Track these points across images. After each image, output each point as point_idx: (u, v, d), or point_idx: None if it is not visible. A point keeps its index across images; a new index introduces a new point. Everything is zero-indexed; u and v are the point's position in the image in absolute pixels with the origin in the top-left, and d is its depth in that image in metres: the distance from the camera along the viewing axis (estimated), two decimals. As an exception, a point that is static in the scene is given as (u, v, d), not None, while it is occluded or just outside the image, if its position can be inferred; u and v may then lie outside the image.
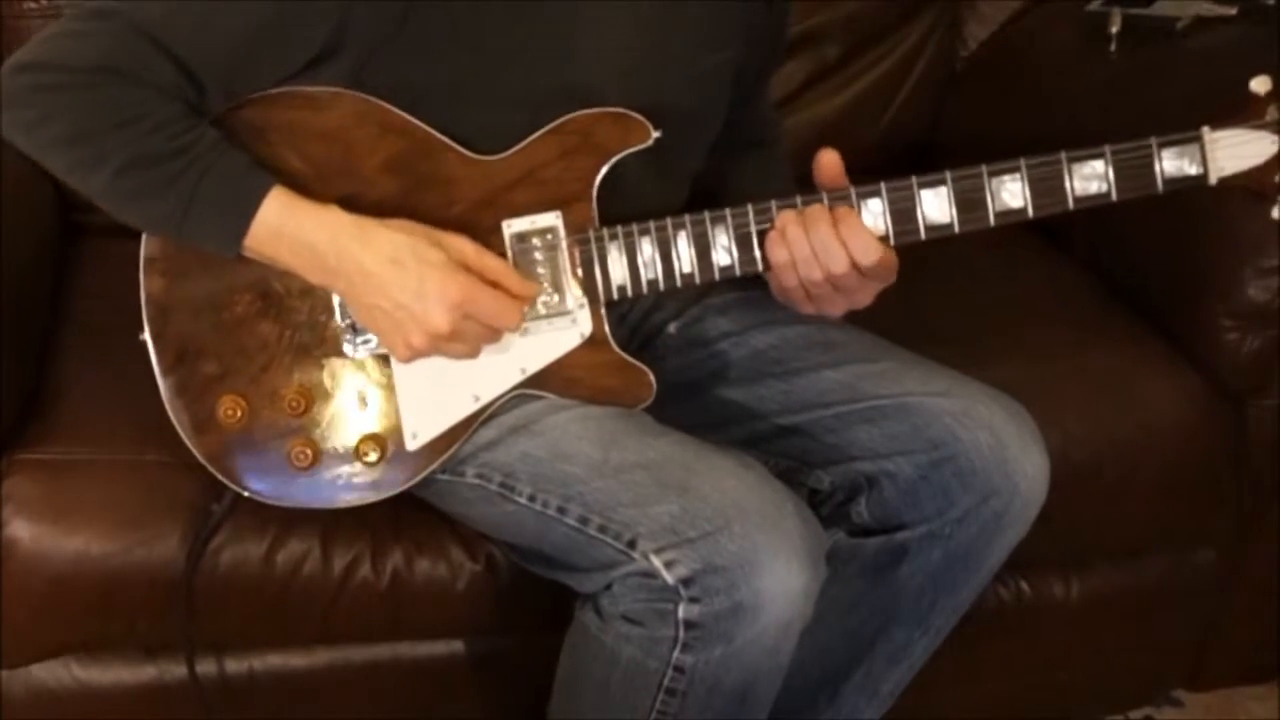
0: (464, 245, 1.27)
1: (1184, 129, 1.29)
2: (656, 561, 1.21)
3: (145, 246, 1.31)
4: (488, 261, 1.27)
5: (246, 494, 1.35)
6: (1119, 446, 1.62)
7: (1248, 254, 1.61)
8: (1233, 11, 1.89)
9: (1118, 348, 1.70)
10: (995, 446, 1.35)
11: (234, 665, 1.53)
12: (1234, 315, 1.63)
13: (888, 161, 2.08)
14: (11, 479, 1.42)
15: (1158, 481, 1.65)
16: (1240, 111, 1.28)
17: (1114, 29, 1.92)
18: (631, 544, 1.23)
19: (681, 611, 1.21)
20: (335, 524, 1.43)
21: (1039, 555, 1.57)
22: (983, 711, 1.78)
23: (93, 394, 1.51)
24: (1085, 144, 1.30)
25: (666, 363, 1.46)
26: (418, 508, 1.42)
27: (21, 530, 1.41)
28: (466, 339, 1.27)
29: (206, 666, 1.51)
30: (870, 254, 1.27)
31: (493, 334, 1.28)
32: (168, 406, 1.33)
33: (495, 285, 1.27)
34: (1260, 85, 1.27)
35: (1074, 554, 1.71)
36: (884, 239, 1.29)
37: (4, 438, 1.45)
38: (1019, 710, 1.81)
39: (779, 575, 1.20)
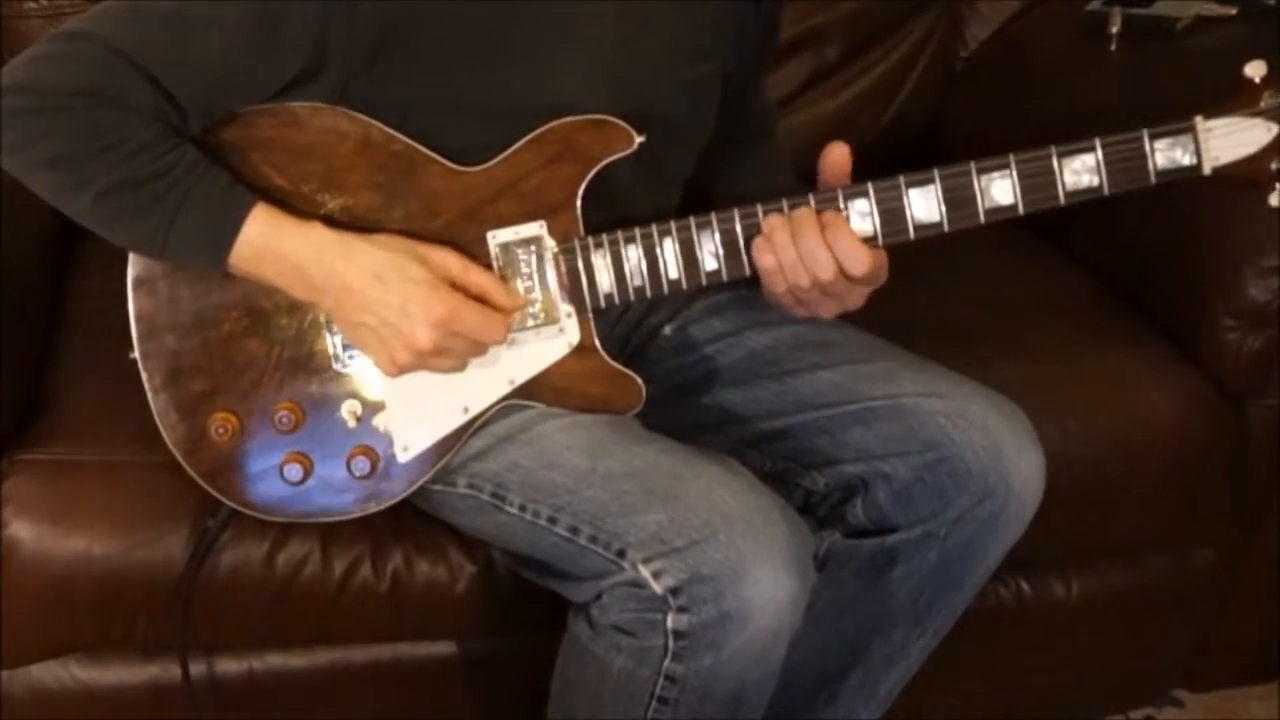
0: (449, 260, 1.27)
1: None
2: (645, 571, 1.21)
3: (132, 266, 1.31)
4: (473, 275, 1.27)
5: (241, 509, 1.36)
6: (1119, 446, 1.62)
7: (1248, 254, 1.61)
8: (1233, 11, 1.89)
9: (1118, 348, 1.70)
10: (990, 448, 1.35)
11: (234, 666, 1.53)
12: (1234, 315, 1.63)
13: (888, 161, 2.09)
14: (13, 479, 1.43)
15: (1158, 481, 1.65)
16: (1234, 99, 1.26)
17: (1114, 29, 1.92)
18: (620, 554, 1.23)
19: (670, 621, 1.21)
20: (335, 526, 1.42)
21: (1039, 555, 1.58)
22: (982, 711, 1.78)
23: (94, 395, 1.51)
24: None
25: (662, 366, 1.46)
26: (417, 510, 1.42)
27: (22, 531, 1.41)
28: (452, 354, 1.27)
29: (206, 667, 1.52)
30: (859, 264, 1.26)
31: (479, 348, 1.28)
32: (159, 424, 1.33)
33: (481, 298, 1.27)
34: (1255, 70, 1.25)
35: (1074, 554, 1.71)
36: (872, 239, 1.28)
37: (5, 438, 1.45)
38: (1019, 710, 1.81)
39: (765, 584, 1.20)
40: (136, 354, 1.32)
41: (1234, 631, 1.82)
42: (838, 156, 1.30)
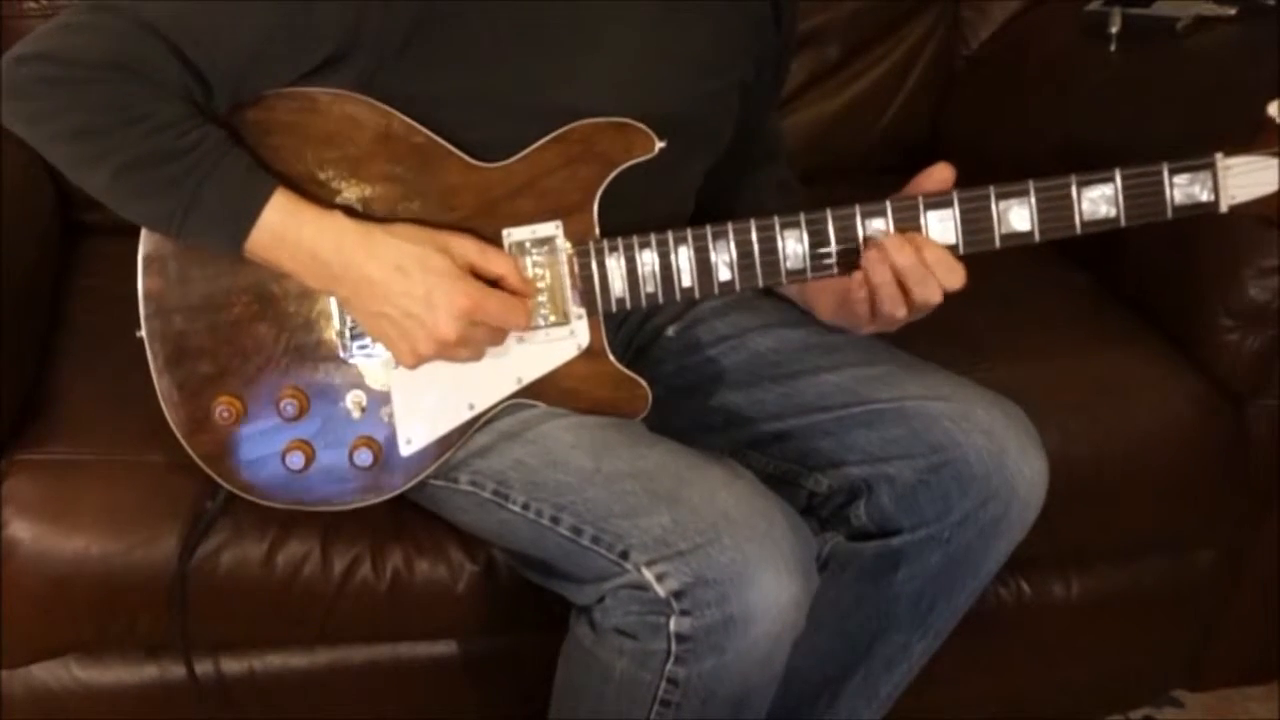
0: (468, 246, 1.26)
1: (1184, 131, 1.28)
2: (648, 574, 1.21)
3: (143, 244, 1.31)
4: (491, 259, 1.27)
5: (241, 494, 1.35)
6: (1119, 446, 1.62)
7: (1248, 254, 1.61)
8: (1233, 11, 1.89)
9: (1118, 348, 1.69)
10: (994, 451, 1.34)
11: (234, 665, 1.53)
12: (1234, 315, 1.63)
13: (888, 161, 2.09)
14: (12, 479, 1.43)
15: (1158, 481, 1.65)
16: (1254, 137, 1.26)
17: (1114, 29, 1.92)
18: (624, 555, 1.23)
19: (673, 624, 1.21)
20: (336, 525, 1.43)
21: (1039, 555, 1.58)
22: (983, 711, 1.79)
23: (93, 394, 1.51)
24: (1086, 145, 1.29)
25: (665, 367, 1.46)
26: (418, 509, 1.43)
27: (22, 531, 1.41)
28: (473, 344, 1.27)
29: (206, 667, 1.52)
30: (957, 280, 1.29)
31: (499, 336, 1.28)
32: (163, 405, 1.33)
33: (499, 282, 1.27)
34: (1276, 110, 1.25)
35: (1074, 554, 1.71)
36: None
37: (4, 438, 1.45)
38: (1019, 710, 1.81)
39: (769, 587, 1.20)
40: (143, 332, 1.32)
41: (1234, 631, 1.82)
42: (942, 177, 1.30)
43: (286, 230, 1.23)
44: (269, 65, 1.25)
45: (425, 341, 1.24)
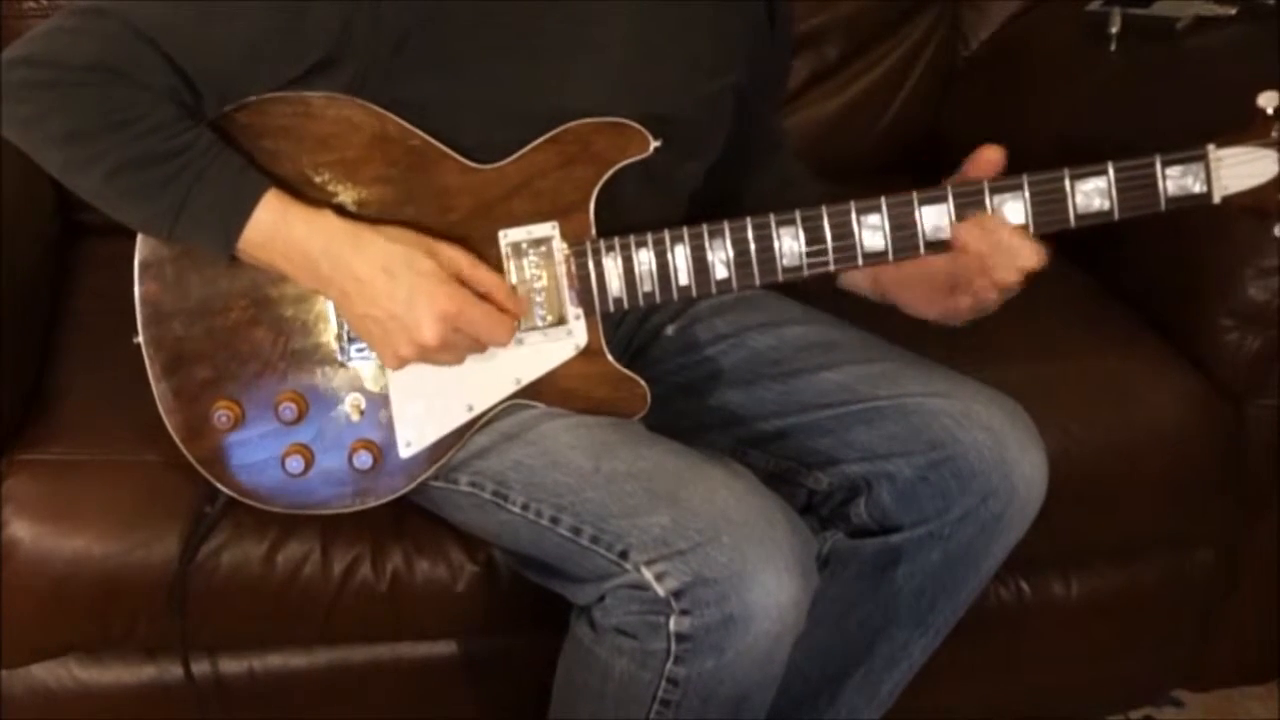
0: (458, 256, 1.26)
1: (1183, 130, 1.28)
2: (648, 574, 1.21)
3: (140, 250, 1.31)
4: (481, 274, 1.27)
5: (240, 499, 1.35)
6: (1119, 446, 1.62)
7: (1247, 254, 1.61)
8: (1233, 11, 1.89)
9: (1118, 348, 1.70)
10: (994, 447, 1.35)
11: (234, 666, 1.53)
12: (1234, 315, 1.63)
13: (888, 161, 2.09)
14: (12, 479, 1.43)
15: (1158, 481, 1.65)
16: (1246, 128, 1.26)
17: (1114, 29, 1.92)
18: (623, 555, 1.23)
19: (673, 624, 1.21)
20: (336, 525, 1.43)
21: (1039, 555, 1.57)
22: (983, 711, 1.79)
23: (93, 394, 1.51)
24: (1085, 145, 1.29)
25: (664, 365, 1.46)
26: (418, 509, 1.43)
27: (22, 531, 1.41)
28: (455, 350, 1.27)
29: (206, 667, 1.52)
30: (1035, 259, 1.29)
31: (480, 346, 1.28)
32: (161, 410, 1.33)
33: (486, 298, 1.27)
34: (1268, 101, 1.25)
35: (1074, 554, 1.71)
36: (882, 254, 1.29)
37: (4, 438, 1.45)
38: (1019, 710, 1.81)
39: (769, 586, 1.19)
40: (141, 339, 1.32)
41: (1234, 631, 1.82)
42: (992, 159, 1.30)
43: (278, 229, 1.23)
44: (258, 69, 1.25)
45: (406, 343, 1.24)
